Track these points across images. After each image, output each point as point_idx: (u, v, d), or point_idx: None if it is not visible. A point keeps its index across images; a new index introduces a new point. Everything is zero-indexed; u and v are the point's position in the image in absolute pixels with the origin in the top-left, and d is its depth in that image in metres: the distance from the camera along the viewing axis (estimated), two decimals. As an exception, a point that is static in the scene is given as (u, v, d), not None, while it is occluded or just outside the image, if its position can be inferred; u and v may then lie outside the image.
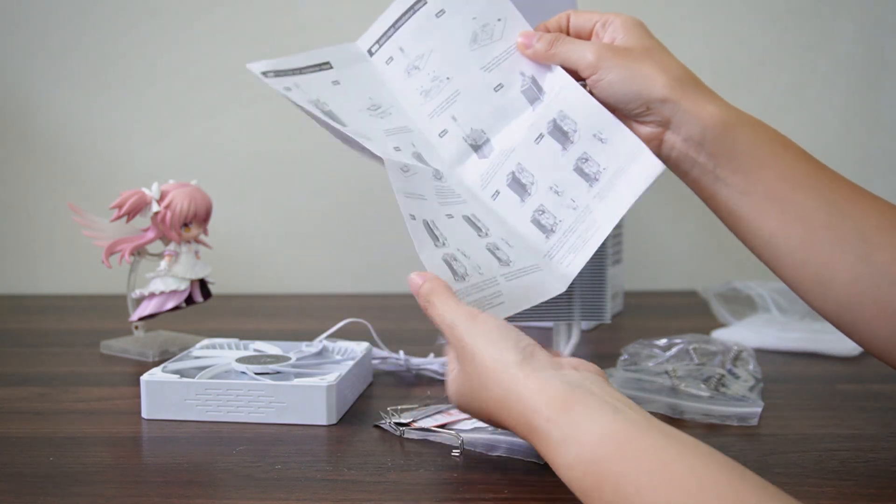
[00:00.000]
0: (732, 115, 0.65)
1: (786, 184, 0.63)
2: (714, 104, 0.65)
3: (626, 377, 0.77)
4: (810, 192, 0.63)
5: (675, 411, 0.72)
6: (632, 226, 1.23)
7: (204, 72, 1.27)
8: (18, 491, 0.59)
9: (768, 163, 0.63)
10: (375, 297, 1.24)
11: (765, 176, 0.63)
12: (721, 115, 0.65)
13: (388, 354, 0.85)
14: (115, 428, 0.71)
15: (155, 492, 0.59)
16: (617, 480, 0.48)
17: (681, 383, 0.75)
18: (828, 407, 0.75)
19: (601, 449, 0.49)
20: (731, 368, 0.78)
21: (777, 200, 0.63)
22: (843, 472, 0.62)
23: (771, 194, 0.63)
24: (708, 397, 0.73)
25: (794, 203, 0.62)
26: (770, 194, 0.63)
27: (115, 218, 0.89)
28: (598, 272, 0.81)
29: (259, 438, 0.68)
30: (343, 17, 1.26)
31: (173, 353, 0.89)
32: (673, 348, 0.81)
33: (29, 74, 1.27)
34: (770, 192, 0.63)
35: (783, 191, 0.63)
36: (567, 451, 0.51)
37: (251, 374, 0.74)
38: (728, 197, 0.64)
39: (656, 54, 0.67)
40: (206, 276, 0.92)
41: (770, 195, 0.63)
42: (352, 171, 1.29)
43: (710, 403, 0.72)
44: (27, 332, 1.05)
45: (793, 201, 0.63)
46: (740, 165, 0.64)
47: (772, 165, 0.63)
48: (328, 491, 0.59)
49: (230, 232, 1.27)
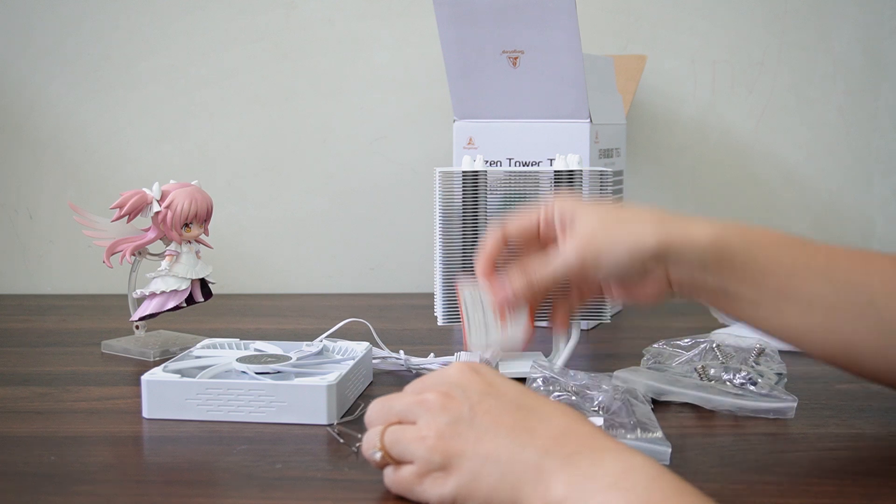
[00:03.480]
0: (720, 227, 0.66)
1: (790, 279, 0.65)
2: (698, 225, 0.66)
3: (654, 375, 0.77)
4: (816, 279, 0.64)
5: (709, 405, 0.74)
6: (632, 226, 1.23)
7: (205, 72, 1.27)
8: (19, 490, 0.59)
9: (768, 265, 0.65)
10: (375, 297, 1.24)
11: (769, 279, 0.65)
12: (710, 233, 0.66)
13: (388, 354, 0.85)
14: (116, 427, 0.71)
15: (156, 491, 0.59)
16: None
17: (712, 381, 0.75)
18: (828, 407, 0.75)
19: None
20: (755, 365, 0.79)
21: (788, 298, 0.65)
22: (843, 472, 0.62)
23: (780, 294, 0.65)
24: (740, 394, 0.73)
25: (804, 294, 0.64)
26: (779, 294, 0.65)
27: (116, 218, 0.89)
28: (599, 272, 0.82)
29: (259, 438, 0.68)
30: (343, 17, 1.27)
31: (174, 353, 0.89)
32: (696, 347, 0.81)
33: (30, 74, 1.27)
34: (779, 293, 0.65)
35: (789, 287, 0.65)
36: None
37: (252, 373, 0.74)
38: (744, 310, 0.67)
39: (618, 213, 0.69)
40: (207, 276, 0.93)
41: (780, 295, 0.65)
42: (352, 172, 1.29)
43: (745, 400, 0.73)
44: (27, 332, 1.05)
45: (802, 293, 0.64)
46: (744, 275, 0.65)
47: (772, 266, 0.65)
48: (328, 490, 0.59)
49: (231, 232, 1.27)
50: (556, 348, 0.83)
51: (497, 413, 0.55)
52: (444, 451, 0.54)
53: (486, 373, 0.58)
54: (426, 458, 0.55)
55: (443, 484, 0.54)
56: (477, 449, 0.54)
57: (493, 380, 0.58)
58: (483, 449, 0.53)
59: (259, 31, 1.27)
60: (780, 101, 1.28)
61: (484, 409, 0.55)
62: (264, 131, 1.28)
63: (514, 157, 1.01)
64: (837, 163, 1.28)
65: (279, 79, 1.27)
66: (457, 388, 0.57)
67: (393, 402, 0.59)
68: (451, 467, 0.54)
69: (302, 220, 1.29)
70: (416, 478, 0.55)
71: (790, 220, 1.29)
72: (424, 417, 0.56)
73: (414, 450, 0.55)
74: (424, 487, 0.55)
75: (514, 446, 0.53)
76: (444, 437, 0.55)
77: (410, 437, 0.56)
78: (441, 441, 0.55)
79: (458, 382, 0.57)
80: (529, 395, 0.57)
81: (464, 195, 0.82)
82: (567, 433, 0.53)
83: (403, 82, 1.27)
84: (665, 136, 1.29)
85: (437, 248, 0.82)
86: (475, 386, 0.57)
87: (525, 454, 0.52)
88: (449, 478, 0.54)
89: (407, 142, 1.28)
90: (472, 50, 1.01)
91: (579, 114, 0.99)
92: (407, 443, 0.56)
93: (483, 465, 0.53)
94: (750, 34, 1.28)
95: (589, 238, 0.68)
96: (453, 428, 0.55)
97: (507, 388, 0.57)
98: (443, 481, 0.54)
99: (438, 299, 0.82)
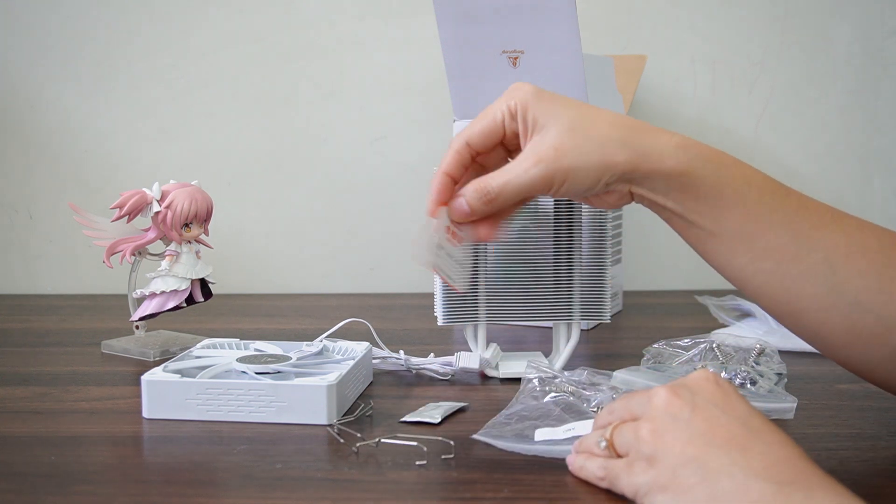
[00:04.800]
0: (693, 156, 0.64)
1: (751, 222, 0.63)
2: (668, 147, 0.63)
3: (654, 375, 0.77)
4: (776, 228, 0.63)
5: None
6: (632, 226, 1.23)
7: (205, 72, 1.27)
8: (20, 490, 0.59)
9: (732, 203, 0.63)
10: (375, 297, 1.24)
11: (730, 216, 0.63)
12: (679, 161, 0.63)
13: (388, 354, 0.85)
14: (116, 427, 0.71)
15: (156, 491, 0.59)
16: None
17: None
18: (828, 407, 0.75)
19: None
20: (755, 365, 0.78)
21: (744, 239, 0.63)
22: (843, 472, 0.62)
23: (738, 234, 0.63)
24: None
25: (762, 240, 0.63)
26: (737, 234, 0.63)
27: (116, 218, 0.89)
28: (598, 272, 0.82)
29: (259, 438, 0.68)
30: (343, 17, 1.27)
31: (174, 353, 0.89)
32: (696, 347, 0.81)
33: (30, 74, 1.27)
34: (737, 232, 0.63)
35: (749, 230, 0.63)
36: None
37: (252, 373, 0.74)
38: (698, 237, 0.65)
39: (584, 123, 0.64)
40: (207, 276, 0.93)
41: (737, 235, 0.63)
42: (352, 172, 1.29)
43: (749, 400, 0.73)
44: (27, 332, 1.05)
45: (760, 239, 0.63)
46: (705, 209, 0.64)
47: (736, 205, 0.63)
48: (328, 490, 0.59)
49: (231, 232, 1.27)
50: (555, 348, 0.83)
51: (717, 423, 0.54)
52: (653, 444, 0.54)
53: (725, 386, 0.57)
54: (636, 448, 0.55)
55: (640, 473, 0.54)
56: (685, 450, 0.53)
57: (729, 394, 0.56)
58: (691, 451, 0.53)
59: (259, 31, 1.27)
60: (780, 101, 1.28)
61: (705, 416, 0.54)
62: (264, 131, 1.28)
63: (514, 157, 1.01)
64: (837, 163, 1.28)
65: (279, 79, 1.27)
66: (687, 390, 0.56)
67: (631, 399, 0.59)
68: (654, 460, 0.54)
69: (302, 220, 1.29)
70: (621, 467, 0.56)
71: (790, 220, 1.29)
72: (647, 410, 0.56)
73: (628, 438, 0.56)
74: (623, 475, 0.56)
75: (724, 458, 0.52)
76: (657, 431, 0.54)
77: (629, 428, 0.56)
78: (653, 435, 0.54)
79: (693, 386, 0.56)
80: (759, 417, 0.55)
81: (464, 195, 0.81)
82: (785, 462, 0.51)
83: (403, 82, 1.27)
84: (665, 136, 1.28)
85: (437, 248, 0.82)
86: (706, 394, 0.56)
87: (733, 470, 0.51)
88: (649, 469, 0.54)
89: (407, 142, 1.28)
90: (472, 50, 1.01)
91: (579, 114, 0.99)
92: (624, 432, 0.57)
93: (685, 465, 0.52)
94: (750, 34, 1.28)
95: (557, 155, 0.63)
96: (669, 424, 0.54)
97: (738, 405, 0.55)
98: (641, 471, 0.54)
99: (438, 299, 0.82)
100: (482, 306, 0.82)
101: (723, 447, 0.52)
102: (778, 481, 0.50)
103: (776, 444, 0.53)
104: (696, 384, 0.57)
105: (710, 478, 0.51)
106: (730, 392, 0.56)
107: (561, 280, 0.81)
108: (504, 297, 0.82)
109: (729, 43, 1.27)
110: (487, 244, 0.81)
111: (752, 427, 0.54)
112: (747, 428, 0.53)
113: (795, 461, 0.52)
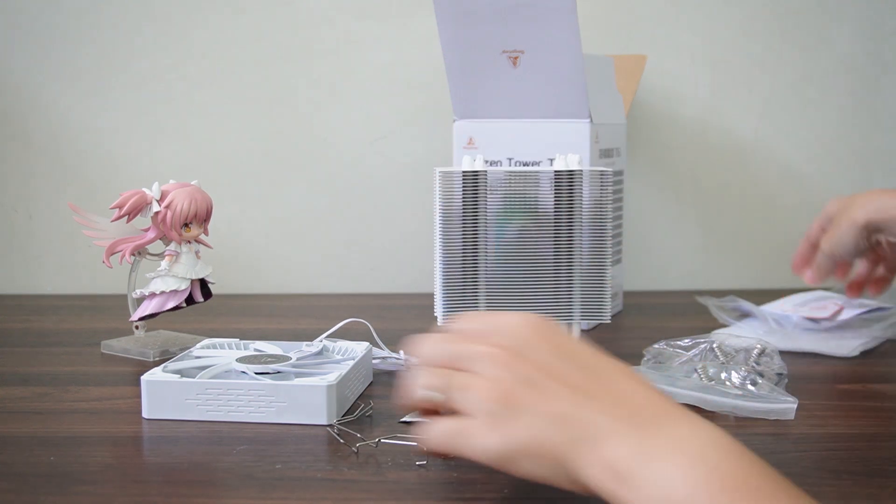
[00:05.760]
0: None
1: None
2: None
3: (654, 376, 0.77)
4: None
5: (709, 406, 0.73)
6: (632, 226, 1.23)
7: (204, 71, 1.27)
8: (19, 490, 0.59)
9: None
10: (375, 297, 1.24)
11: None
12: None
13: (388, 354, 0.85)
14: (116, 427, 0.71)
15: (155, 491, 0.59)
16: None
17: (712, 381, 0.75)
18: (828, 407, 0.75)
19: None
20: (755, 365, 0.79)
21: None
22: (843, 472, 0.62)
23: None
24: (740, 394, 0.73)
25: None
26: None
27: (115, 218, 0.89)
28: (599, 272, 0.82)
29: (259, 438, 0.68)
30: (343, 17, 1.27)
31: (174, 353, 0.89)
32: (696, 347, 0.81)
33: (30, 74, 1.27)
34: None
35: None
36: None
37: (251, 373, 0.74)
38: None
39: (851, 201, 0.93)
40: (207, 276, 0.93)
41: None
42: (352, 172, 1.29)
43: (745, 400, 0.72)
44: (27, 332, 1.05)
45: None
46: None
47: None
48: (328, 490, 0.59)
49: (230, 232, 1.27)
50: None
51: (566, 376, 0.52)
52: (507, 406, 0.52)
53: (552, 333, 0.56)
54: (488, 410, 0.52)
55: (490, 435, 0.52)
56: (539, 408, 0.51)
57: (562, 341, 0.55)
58: (545, 408, 0.51)
59: (259, 31, 1.27)
60: (780, 101, 1.28)
61: (553, 368, 0.53)
62: (264, 131, 1.28)
63: (515, 157, 1.01)
64: (837, 163, 1.28)
65: (279, 78, 1.27)
66: (527, 347, 0.54)
67: (453, 345, 0.56)
68: (505, 419, 0.52)
69: (302, 219, 1.29)
70: (470, 429, 0.53)
71: (790, 220, 1.29)
72: (492, 371, 0.54)
73: (478, 401, 0.53)
74: (473, 439, 0.53)
75: (573, 406, 0.51)
76: (510, 393, 0.52)
77: (477, 387, 0.53)
78: (507, 396, 0.52)
79: (528, 342, 0.55)
80: (598, 357, 0.55)
81: (464, 195, 0.82)
82: (632, 395, 0.51)
83: (403, 82, 1.27)
84: (665, 136, 1.29)
85: (437, 248, 0.82)
86: (545, 347, 0.54)
87: (583, 413, 0.50)
88: (499, 430, 0.52)
89: (407, 142, 1.28)
90: (472, 50, 1.01)
91: (579, 114, 0.99)
92: (473, 391, 0.53)
93: (541, 421, 0.51)
94: (750, 34, 1.28)
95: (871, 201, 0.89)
96: (521, 386, 0.52)
97: (575, 349, 0.55)
98: (489, 432, 0.52)
99: (438, 299, 0.82)
100: (482, 306, 0.82)
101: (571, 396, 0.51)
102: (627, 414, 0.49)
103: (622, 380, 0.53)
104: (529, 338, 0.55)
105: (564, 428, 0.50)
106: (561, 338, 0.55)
107: (561, 280, 0.81)
108: (504, 297, 0.82)
109: (729, 43, 1.27)
110: (487, 244, 0.81)
111: (595, 368, 0.54)
112: (590, 369, 0.53)
113: (643, 393, 0.51)
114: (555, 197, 0.81)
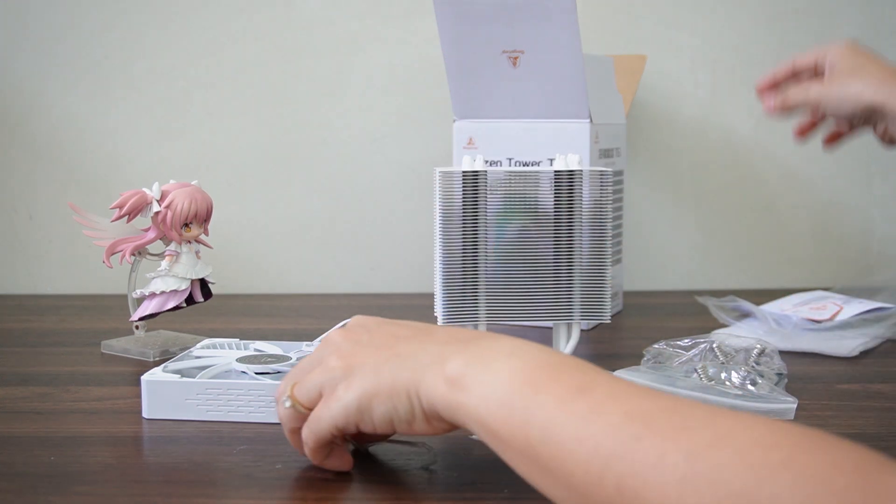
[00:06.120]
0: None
1: None
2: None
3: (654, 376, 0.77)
4: None
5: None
6: (632, 226, 1.23)
7: (205, 72, 1.27)
8: (19, 490, 0.59)
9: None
10: (375, 297, 1.24)
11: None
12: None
13: (389, 354, 0.85)
14: (116, 428, 0.71)
15: (155, 491, 0.59)
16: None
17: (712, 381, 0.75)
18: (828, 407, 0.75)
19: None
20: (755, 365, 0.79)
21: None
22: (843, 471, 0.62)
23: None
24: (740, 394, 0.73)
25: None
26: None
27: (115, 218, 0.89)
28: (599, 272, 0.82)
29: (259, 438, 0.68)
30: (343, 17, 1.27)
31: (174, 353, 0.89)
32: (696, 347, 0.81)
33: (29, 74, 1.27)
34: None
35: None
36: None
37: (252, 373, 0.74)
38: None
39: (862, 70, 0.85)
40: (207, 276, 0.93)
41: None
42: (352, 171, 1.29)
43: (745, 401, 0.72)
44: (27, 332, 1.05)
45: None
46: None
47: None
48: (328, 490, 0.59)
49: (230, 232, 1.27)
50: (556, 348, 0.83)
51: (395, 331, 0.59)
52: (345, 367, 0.57)
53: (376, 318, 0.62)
54: (329, 377, 0.57)
55: (344, 393, 0.56)
56: (382, 354, 0.56)
57: (389, 320, 0.61)
58: (388, 353, 0.56)
59: (259, 31, 1.27)
60: (780, 101, 1.28)
61: (383, 333, 0.59)
62: (264, 131, 1.28)
63: (515, 157, 1.02)
64: (837, 163, 1.28)
65: (279, 78, 1.27)
66: (356, 328, 0.60)
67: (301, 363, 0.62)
68: (352, 376, 0.56)
69: (302, 219, 1.29)
70: (329, 401, 0.57)
71: (790, 220, 1.29)
72: (330, 350, 0.59)
73: (327, 376, 0.57)
74: (334, 404, 0.56)
75: (414, 344, 0.56)
76: (344, 355, 0.57)
77: (322, 365, 0.58)
78: (342, 359, 0.57)
79: (355, 322, 0.61)
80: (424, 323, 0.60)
81: (464, 195, 0.81)
82: (459, 332, 0.58)
83: (403, 82, 1.27)
84: (665, 136, 1.29)
85: (437, 248, 0.82)
86: (372, 321, 0.61)
87: (425, 347, 0.56)
88: (350, 386, 0.56)
89: (407, 142, 1.28)
90: (472, 50, 1.01)
91: (579, 114, 0.99)
92: (319, 369, 0.58)
93: (384, 364, 0.56)
94: (750, 34, 1.28)
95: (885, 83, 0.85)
96: (353, 348, 0.58)
97: (402, 321, 0.61)
98: (344, 391, 0.56)
99: (438, 299, 0.82)
100: (482, 306, 0.82)
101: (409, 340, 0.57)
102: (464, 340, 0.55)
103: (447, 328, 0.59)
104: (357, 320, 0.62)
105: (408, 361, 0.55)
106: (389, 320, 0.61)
107: (561, 280, 0.81)
108: (504, 297, 0.82)
109: (729, 43, 1.27)
110: (487, 244, 0.81)
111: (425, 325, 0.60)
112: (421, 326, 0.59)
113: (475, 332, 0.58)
114: (555, 197, 0.81)
